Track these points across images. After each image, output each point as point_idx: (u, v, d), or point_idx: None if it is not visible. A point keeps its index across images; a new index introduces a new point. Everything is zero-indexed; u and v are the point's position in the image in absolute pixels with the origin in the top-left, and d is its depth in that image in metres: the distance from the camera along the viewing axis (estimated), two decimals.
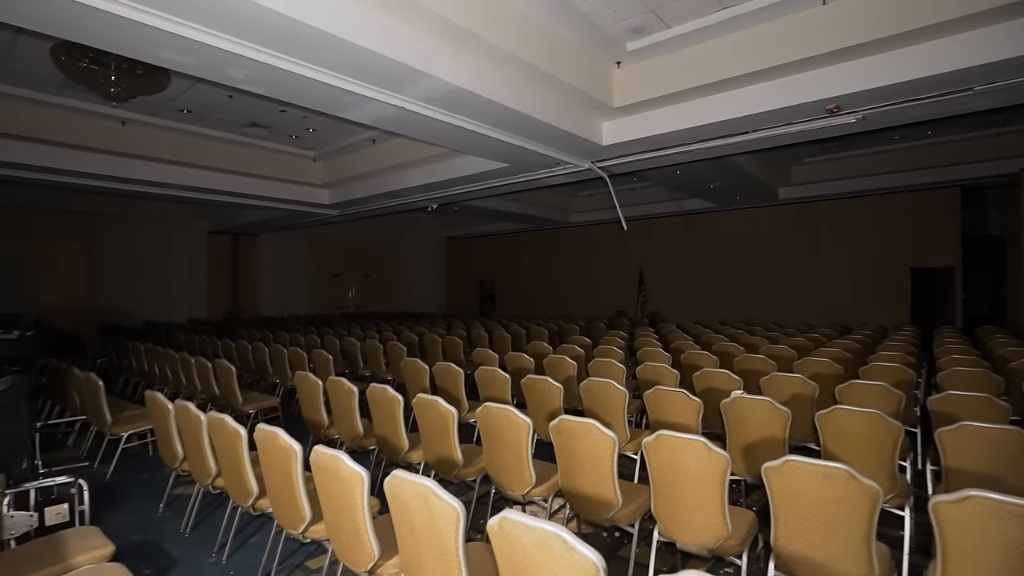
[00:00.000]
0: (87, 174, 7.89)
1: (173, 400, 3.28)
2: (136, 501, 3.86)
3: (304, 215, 11.59)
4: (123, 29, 3.72)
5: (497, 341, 7.75)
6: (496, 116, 5.46)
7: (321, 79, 4.51)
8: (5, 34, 5.48)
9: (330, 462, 2.07)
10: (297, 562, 2.95)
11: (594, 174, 7.71)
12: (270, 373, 6.46)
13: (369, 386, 3.60)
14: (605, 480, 2.55)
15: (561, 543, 1.37)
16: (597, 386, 3.77)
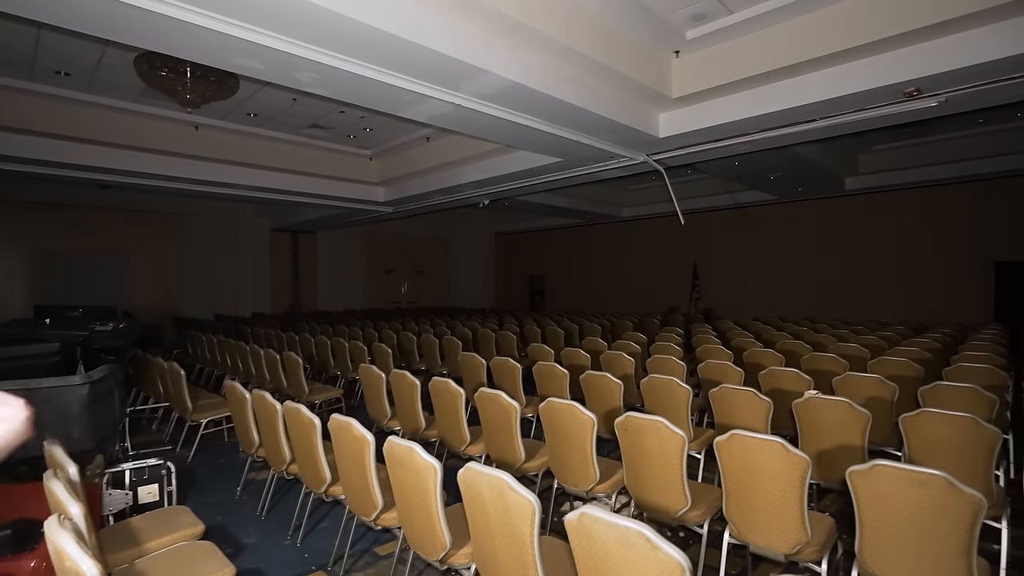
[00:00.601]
0: (166, 176, 8.42)
1: (246, 389, 3.46)
2: (215, 484, 4.10)
3: (360, 212, 11.94)
4: (201, 38, 3.93)
5: (550, 337, 7.74)
6: (551, 110, 5.43)
7: (382, 79, 4.61)
8: (95, 47, 5.90)
9: (404, 453, 2.13)
10: (366, 547, 3.06)
11: (648, 167, 7.56)
12: (331, 366, 6.70)
13: (432, 379, 3.68)
14: (673, 479, 2.50)
15: (644, 541, 1.36)
16: (659, 383, 3.70)
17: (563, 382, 4.26)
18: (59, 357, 3.29)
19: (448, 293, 18.62)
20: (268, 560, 2.95)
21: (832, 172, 10.12)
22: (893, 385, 3.55)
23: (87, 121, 7.36)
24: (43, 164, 7.65)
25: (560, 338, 7.61)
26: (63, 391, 3.20)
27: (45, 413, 3.29)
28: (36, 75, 6.57)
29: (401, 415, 4.08)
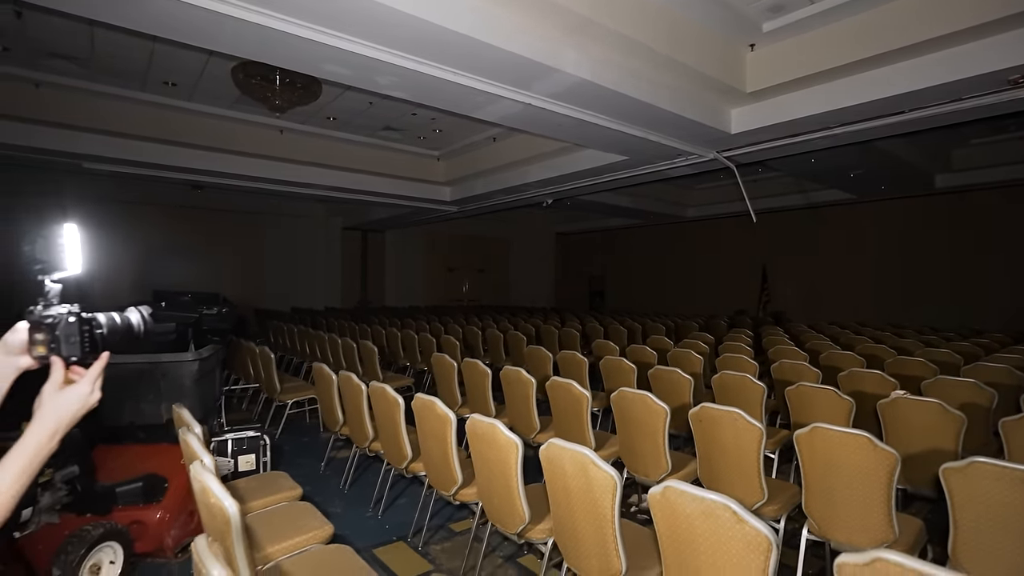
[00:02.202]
0: (252, 177, 9.08)
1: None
2: (300, 459, 4.41)
3: (426, 211, 12.33)
4: (296, 47, 4.24)
5: (613, 335, 7.72)
6: (620, 107, 5.45)
7: (457, 80, 4.78)
8: (199, 59, 6.47)
9: (487, 429, 2.25)
10: (442, 523, 3.23)
11: (718, 164, 7.39)
12: (401, 356, 7.00)
13: (504, 368, 3.80)
14: (749, 472, 2.49)
15: (731, 514, 1.40)
16: (732, 379, 3.65)
17: (631, 376, 4.27)
18: (175, 336, 3.69)
19: (508, 292, 18.85)
20: (353, 528, 3.17)
21: (920, 168, 9.48)
22: (991, 391, 3.34)
23: (187, 127, 8.07)
24: (148, 166, 8.45)
25: (624, 336, 7.58)
26: (178, 366, 3.58)
27: (163, 385, 3.69)
28: (148, 85, 7.28)
29: (471, 402, 4.23)
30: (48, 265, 0.95)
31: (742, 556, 1.41)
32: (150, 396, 3.66)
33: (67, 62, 6.62)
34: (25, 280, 0.94)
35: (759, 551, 1.37)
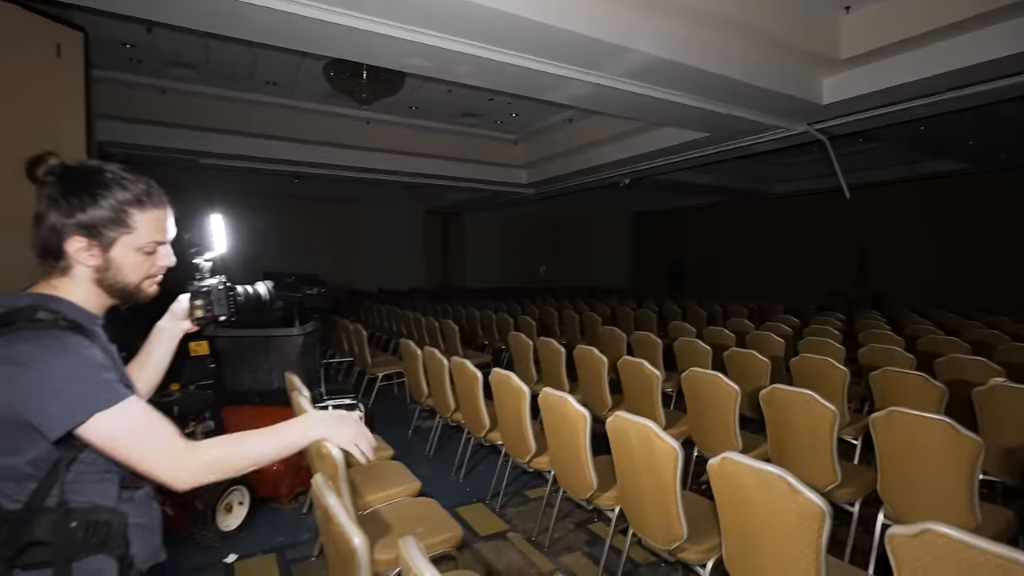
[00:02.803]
0: (344, 167, 9.73)
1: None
2: (390, 427, 4.80)
3: (503, 194, 12.58)
4: (382, 44, 4.53)
5: (691, 317, 7.59)
6: (699, 83, 5.30)
7: (526, 65, 4.86)
8: (295, 60, 7.02)
9: (559, 402, 2.42)
10: (518, 490, 3.46)
11: (809, 138, 6.96)
12: (480, 335, 7.33)
13: (577, 347, 3.95)
14: (822, 454, 2.48)
15: (786, 485, 1.47)
16: (811, 363, 3.56)
17: (706, 358, 4.25)
18: (282, 313, 4.18)
19: (585, 273, 18.82)
20: (437, 489, 3.46)
21: None
22: None
23: (286, 122, 8.79)
24: (255, 160, 9.30)
25: (702, 319, 7.44)
26: (285, 340, 4.06)
27: (273, 356, 4.19)
28: (253, 86, 8.01)
29: (546, 379, 4.42)
30: (201, 248, 1.22)
31: (796, 526, 1.48)
32: (264, 366, 4.18)
33: (187, 69, 7.42)
34: (182, 260, 1.21)
35: (813, 521, 1.44)
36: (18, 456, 0.87)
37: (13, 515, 0.87)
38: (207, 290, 1.16)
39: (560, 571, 2.57)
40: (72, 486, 0.91)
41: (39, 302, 0.92)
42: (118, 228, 0.97)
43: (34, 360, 0.85)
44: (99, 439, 0.88)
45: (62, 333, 0.89)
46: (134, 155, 8.77)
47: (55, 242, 0.95)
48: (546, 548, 2.76)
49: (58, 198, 0.93)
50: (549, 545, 2.78)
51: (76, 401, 0.86)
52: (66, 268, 0.97)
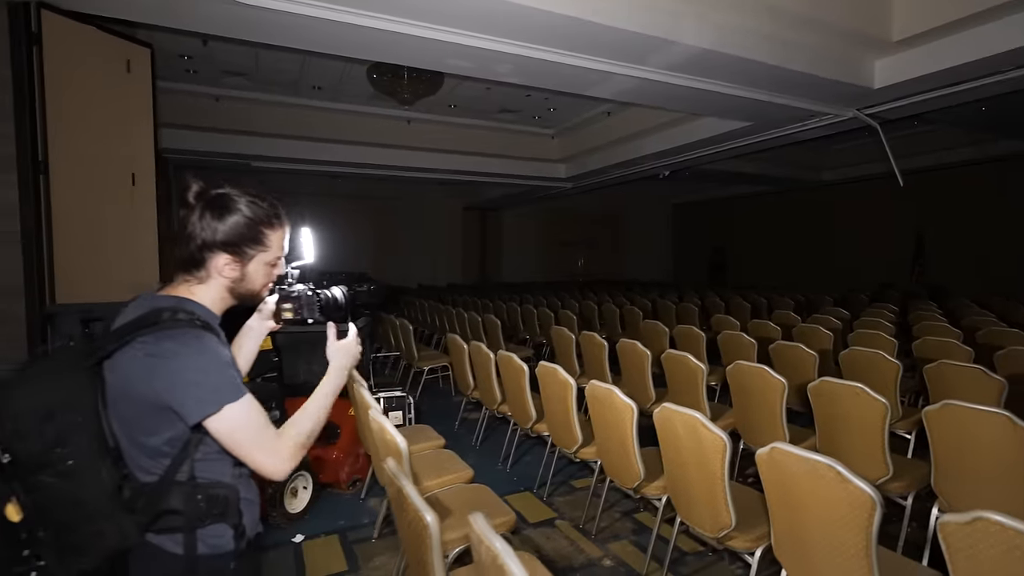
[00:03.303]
0: (385, 166, 9.98)
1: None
2: (436, 419, 4.96)
3: (542, 189, 12.62)
4: (422, 46, 4.66)
5: (734, 310, 7.48)
6: (743, 73, 5.21)
7: (570, 62, 4.91)
8: (340, 65, 7.26)
9: (606, 394, 2.50)
10: (564, 480, 3.55)
11: (859, 123, 6.73)
12: (521, 329, 7.43)
13: (620, 340, 4.00)
14: (873, 447, 2.47)
15: (835, 474, 1.51)
16: (861, 356, 3.50)
17: (751, 351, 4.23)
18: None
19: (624, 266, 18.67)
20: (485, 478, 3.55)
21: None
22: None
23: (331, 124, 9.10)
24: (302, 161, 9.66)
25: (746, 312, 7.32)
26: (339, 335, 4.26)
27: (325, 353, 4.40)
28: (300, 91, 8.33)
29: (588, 372, 4.48)
30: (290, 256, 1.34)
31: (846, 514, 1.52)
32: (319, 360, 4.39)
33: (239, 77, 7.79)
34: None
35: (863, 509, 1.47)
36: (157, 436, 1.02)
37: (149, 487, 1.03)
38: (297, 295, 1.30)
39: (608, 557, 2.65)
40: (199, 464, 1.06)
41: (177, 304, 1.06)
42: (256, 247, 1.13)
43: (177, 355, 1.00)
44: (222, 429, 1.01)
45: (200, 332, 1.04)
46: (190, 160, 9.28)
47: (200, 257, 1.09)
48: (593, 535, 2.85)
49: (208, 220, 1.08)
50: (596, 533, 2.87)
51: (212, 392, 1.00)
52: (204, 277, 1.12)
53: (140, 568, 1.08)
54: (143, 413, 1.02)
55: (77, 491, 0.96)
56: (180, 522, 1.04)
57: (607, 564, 2.60)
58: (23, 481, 0.94)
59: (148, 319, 1.01)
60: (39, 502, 0.95)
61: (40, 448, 0.93)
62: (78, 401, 0.98)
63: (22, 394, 0.94)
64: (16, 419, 0.93)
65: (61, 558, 0.96)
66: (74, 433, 0.96)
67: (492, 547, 1.07)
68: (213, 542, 1.07)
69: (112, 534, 0.98)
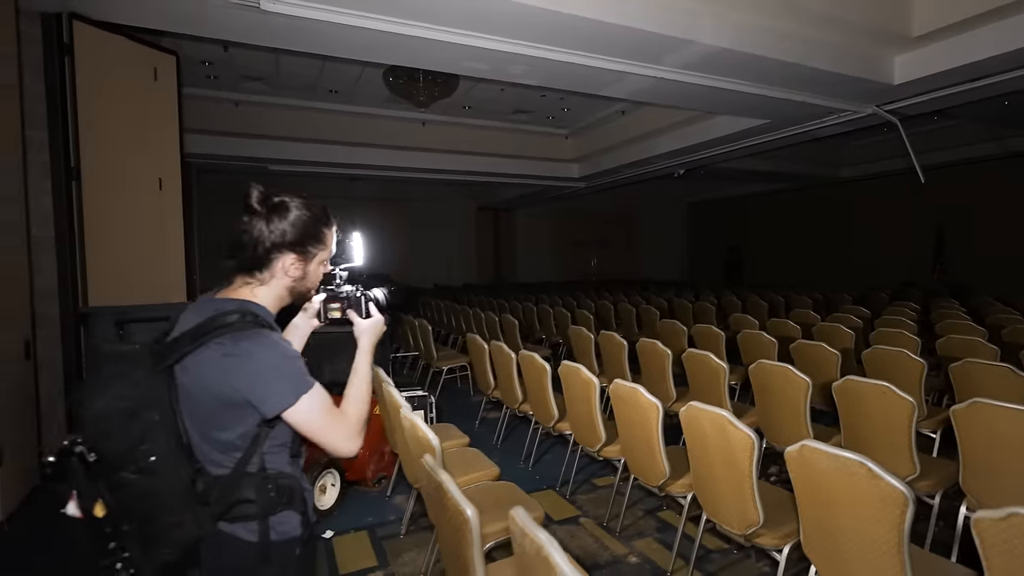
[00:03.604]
0: (400, 168, 10.07)
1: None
2: (457, 418, 5.00)
3: (555, 189, 12.65)
4: (439, 50, 4.71)
5: (752, 309, 7.44)
6: (761, 71, 5.20)
7: (585, 63, 4.93)
8: (356, 69, 7.35)
9: (630, 393, 2.52)
10: (586, 478, 3.58)
11: (877, 120, 6.66)
12: (537, 329, 7.46)
13: (639, 340, 4.01)
14: (899, 446, 2.46)
15: (866, 471, 1.52)
16: (886, 355, 3.49)
17: (771, 350, 4.22)
18: None
19: (638, 266, 18.62)
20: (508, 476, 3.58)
21: None
22: None
23: (346, 127, 9.20)
24: (319, 164, 9.77)
25: (764, 310, 7.28)
26: None
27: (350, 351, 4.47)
28: (317, 95, 8.43)
29: (608, 372, 4.50)
30: (339, 260, 1.41)
31: (878, 511, 1.53)
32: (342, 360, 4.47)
33: (257, 82, 7.92)
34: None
35: (895, 506, 1.48)
36: (230, 431, 1.09)
37: (222, 479, 1.09)
38: (346, 295, 1.35)
39: (634, 554, 2.67)
40: (266, 456, 1.12)
41: (242, 307, 1.12)
42: (318, 245, 1.21)
43: (253, 354, 1.06)
44: (300, 417, 1.08)
45: (270, 332, 1.11)
46: (209, 164, 9.44)
47: (267, 259, 1.16)
48: (618, 533, 2.87)
49: (276, 223, 1.14)
50: (621, 530, 2.89)
51: (289, 385, 1.07)
52: (266, 279, 1.18)
53: (214, 555, 1.14)
54: (218, 410, 1.08)
55: (157, 486, 1.02)
56: (253, 511, 1.10)
57: (633, 561, 2.62)
58: (108, 479, 1.00)
59: (218, 322, 1.07)
60: (122, 497, 1.01)
61: (125, 447, 1.00)
62: (156, 401, 1.05)
63: (107, 396, 1.00)
64: (102, 420, 0.99)
65: (145, 549, 1.02)
66: (154, 431, 1.03)
67: (536, 539, 1.10)
68: (282, 529, 1.14)
69: (190, 525, 1.04)
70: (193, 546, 1.08)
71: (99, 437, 0.99)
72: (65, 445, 1.00)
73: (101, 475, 1.00)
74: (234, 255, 1.16)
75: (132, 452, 1.00)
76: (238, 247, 1.15)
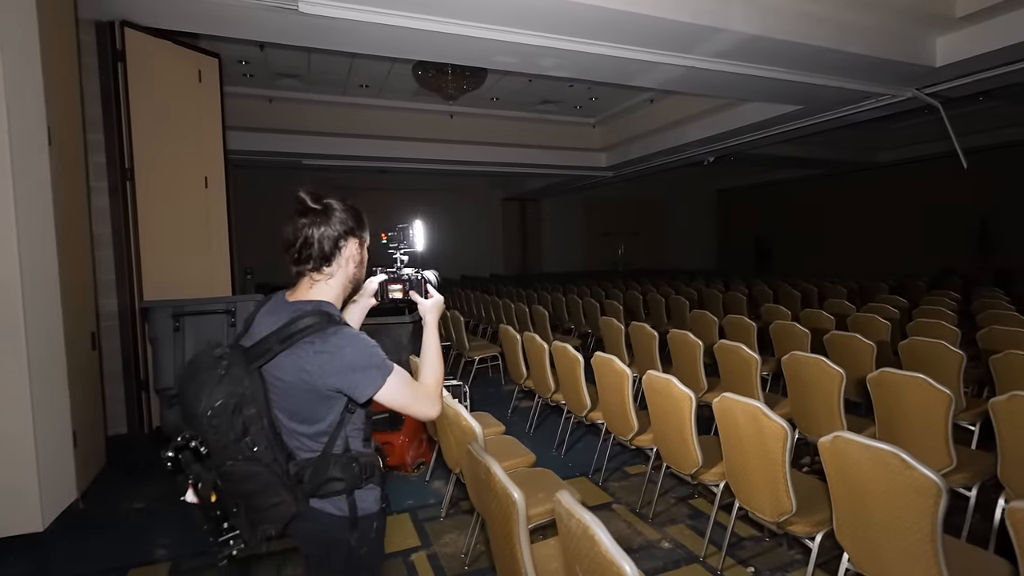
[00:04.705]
0: (429, 160, 10.21)
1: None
2: (489, 407, 5.14)
3: (582, 179, 12.61)
4: (470, 45, 4.78)
5: (784, 299, 7.35)
6: (795, 57, 5.11)
7: (616, 54, 4.93)
8: (386, 64, 7.47)
9: (663, 384, 2.58)
10: (618, 466, 3.66)
11: (917, 103, 6.47)
12: (566, 320, 7.53)
13: (670, 331, 4.05)
14: (936, 438, 2.47)
15: (900, 461, 1.56)
16: (923, 346, 3.45)
17: (804, 341, 4.20)
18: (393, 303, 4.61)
19: (666, 255, 18.44)
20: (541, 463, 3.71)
21: None
22: None
23: (376, 121, 9.35)
24: (350, 158, 9.97)
25: (796, 300, 7.19)
26: (399, 327, 4.48)
27: (387, 342, 4.63)
28: (347, 90, 8.60)
29: (639, 363, 4.55)
30: (400, 245, 1.53)
31: (911, 501, 1.57)
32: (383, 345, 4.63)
33: (291, 79, 8.11)
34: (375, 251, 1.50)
35: (928, 496, 1.52)
36: (321, 418, 1.24)
37: (312, 461, 1.23)
38: (407, 277, 1.47)
39: (666, 540, 2.75)
40: (349, 439, 1.27)
41: (318, 308, 1.23)
42: (365, 229, 1.35)
43: (343, 348, 1.18)
44: (388, 396, 1.22)
45: (350, 327, 1.23)
46: (244, 160, 9.73)
47: (334, 251, 1.27)
48: (651, 519, 2.95)
49: (335, 218, 1.27)
50: (653, 517, 2.97)
51: (377, 371, 1.20)
52: (331, 274, 1.29)
53: (307, 529, 1.28)
54: (312, 401, 1.21)
55: (260, 471, 1.16)
56: (341, 487, 1.25)
57: (665, 546, 2.70)
58: (218, 468, 1.14)
59: (303, 323, 1.19)
60: (231, 483, 1.16)
61: (232, 438, 1.13)
62: (254, 397, 1.17)
63: (216, 394, 1.12)
64: (211, 416, 1.11)
65: (252, 526, 1.18)
66: (254, 423, 1.16)
67: (582, 519, 1.19)
68: (363, 504, 1.29)
69: (289, 503, 1.19)
70: (290, 521, 1.22)
71: (210, 431, 1.11)
72: (179, 441, 1.13)
73: (212, 465, 1.14)
74: (301, 255, 1.26)
75: (238, 443, 1.13)
76: (306, 247, 1.25)
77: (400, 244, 1.51)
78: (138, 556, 2.67)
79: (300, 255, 1.26)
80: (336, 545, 1.28)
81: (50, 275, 2.93)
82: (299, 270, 1.29)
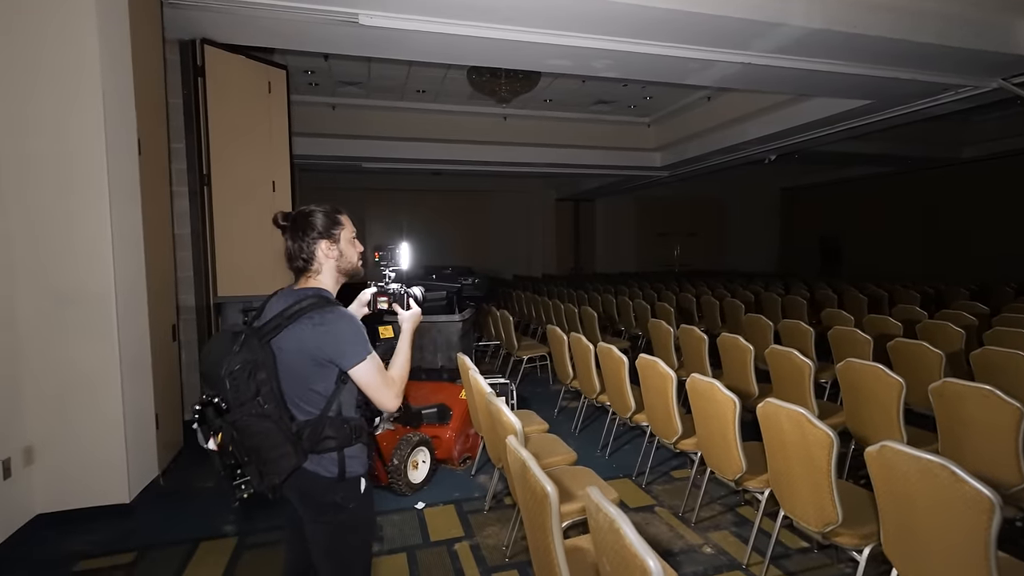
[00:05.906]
0: (483, 162, 10.39)
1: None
2: (536, 406, 5.19)
3: (637, 179, 12.45)
4: (525, 51, 4.87)
5: (849, 303, 6.99)
6: (860, 49, 4.87)
7: (670, 53, 4.88)
8: (442, 70, 7.68)
9: (707, 388, 2.56)
10: (663, 471, 3.63)
11: (1004, 95, 5.99)
12: (616, 321, 7.48)
13: (720, 334, 3.97)
14: (1005, 453, 2.31)
15: (949, 474, 1.51)
16: (998, 357, 3.22)
17: (866, 348, 4.00)
18: (445, 302, 4.76)
19: (724, 256, 17.86)
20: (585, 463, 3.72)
21: None
22: None
23: (433, 125, 9.63)
24: (408, 161, 10.32)
25: (863, 305, 6.81)
26: (448, 325, 4.63)
27: (438, 339, 4.80)
28: (405, 96, 8.91)
29: (687, 366, 4.49)
30: (389, 263, 1.72)
31: (962, 515, 1.51)
32: (430, 348, 4.81)
33: (352, 87, 8.49)
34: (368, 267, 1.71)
35: (980, 511, 1.46)
36: (317, 384, 1.45)
37: (310, 422, 1.44)
38: (392, 292, 1.66)
39: (709, 545, 2.72)
40: (342, 405, 1.48)
41: (317, 292, 1.48)
42: (338, 228, 1.54)
43: (337, 323, 1.42)
44: (362, 373, 1.43)
45: (343, 308, 1.49)
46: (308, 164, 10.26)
47: (311, 252, 1.50)
48: (693, 524, 2.92)
49: (306, 226, 1.50)
50: (696, 522, 2.94)
51: (361, 346, 1.42)
52: (318, 269, 1.53)
53: (304, 479, 1.47)
54: (311, 368, 1.43)
55: (269, 426, 1.37)
56: (333, 445, 1.45)
57: (707, 551, 2.68)
58: (234, 422, 1.36)
59: (305, 303, 1.42)
60: (244, 435, 1.37)
61: (247, 396, 1.35)
62: (265, 364, 1.39)
63: (236, 360, 1.36)
64: (232, 376, 1.34)
65: (260, 475, 1.39)
66: (264, 385, 1.38)
67: (609, 513, 1.24)
68: (351, 466, 1.49)
69: (291, 455, 1.39)
70: (291, 473, 1.42)
71: (231, 390, 1.34)
72: (204, 398, 1.39)
73: (231, 420, 1.36)
74: (292, 262, 1.53)
75: (253, 401, 1.36)
76: (291, 256, 1.53)
77: (389, 262, 1.71)
78: (209, 531, 2.91)
79: (291, 262, 1.54)
80: (325, 504, 1.48)
81: (139, 280, 3.26)
82: (296, 270, 1.55)
